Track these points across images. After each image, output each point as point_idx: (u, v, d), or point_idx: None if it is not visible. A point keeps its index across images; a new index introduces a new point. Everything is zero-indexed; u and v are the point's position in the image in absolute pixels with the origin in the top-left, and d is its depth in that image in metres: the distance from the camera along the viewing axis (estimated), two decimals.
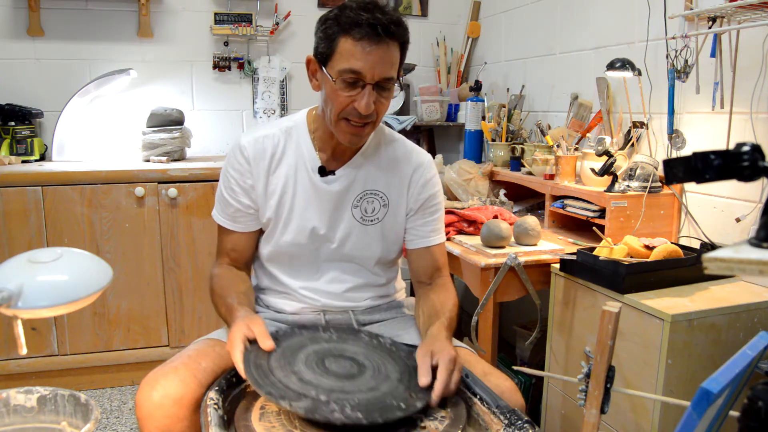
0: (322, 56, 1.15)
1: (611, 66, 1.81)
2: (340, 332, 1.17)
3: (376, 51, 1.10)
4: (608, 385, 0.88)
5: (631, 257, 1.51)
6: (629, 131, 1.91)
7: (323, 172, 1.27)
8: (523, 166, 2.28)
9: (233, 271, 1.31)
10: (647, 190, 1.75)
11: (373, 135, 1.31)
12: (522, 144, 2.37)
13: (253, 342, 1.06)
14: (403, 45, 1.16)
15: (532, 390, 2.09)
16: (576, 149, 2.03)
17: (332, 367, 1.04)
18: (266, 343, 1.05)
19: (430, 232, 1.34)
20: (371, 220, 1.31)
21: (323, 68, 1.15)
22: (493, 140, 2.50)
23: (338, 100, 1.14)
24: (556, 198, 2.01)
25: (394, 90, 1.19)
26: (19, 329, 0.82)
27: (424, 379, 1.01)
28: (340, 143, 1.24)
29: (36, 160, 2.56)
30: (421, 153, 1.36)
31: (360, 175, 1.29)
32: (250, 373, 0.98)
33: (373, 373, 1.04)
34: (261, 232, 1.34)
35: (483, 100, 2.68)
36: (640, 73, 1.82)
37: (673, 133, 1.78)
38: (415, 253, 1.35)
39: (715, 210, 1.68)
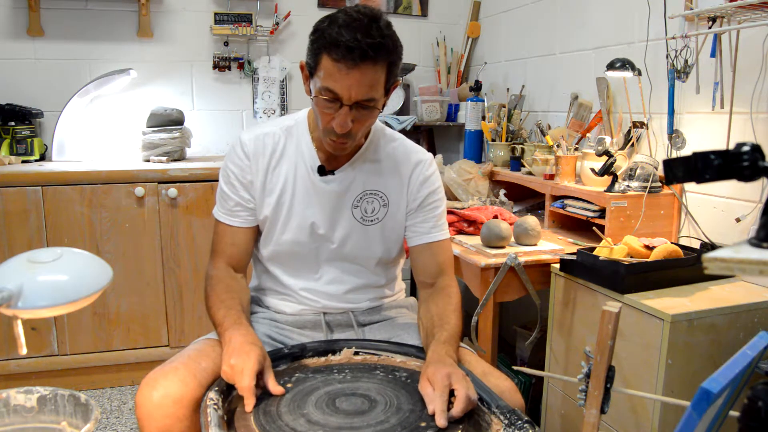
0: (309, 68, 1.16)
1: (611, 66, 1.81)
2: (354, 371, 1.15)
3: (354, 74, 1.08)
4: (608, 385, 0.88)
5: (631, 257, 1.51)
6: (629, 131, 1.91)
7: (322, 171, 1.27)
8: (523, 166, 2.28)
9: (235, 277, 1.28)
10: (647, 190, 1.75)
11: (372, 135, 1.31)
12: (522, 144, 2.37)
13: (264, 390, 1.06)
14: (390, 65, 1.13)
15: (532, 390, 2.09)
16: (576, 149, 2.03)
17: (343, 405, 1.03)
18: (277, 389, 1.05)
19: (431, 228, 1.32)
20: (371, 220, 1.31)
21: (311, 77, 1.17)
22: (493, 140, 2.50)
23: (319, 112, 1.16)
24: (556, 198, 2.01)
25: (381, 105, 1.17)
26: (19, 329, 0.81)
27: (431, 407, 0.98)
28: None
29: (36, 160, 2.56)
30: (420, 151, 1.35)
31: (359, 175, 1.29)
32: (258, 419, 0.98)
33: (385, 407, 1.02)
34: (259, 233, 1.33)
35: (483, 100, 2.68)
36: (640, 73, 1.82)
37: (673, 133, 1.78)
38: (416, 250, 1.34)
39: (715, 210, 1.68)
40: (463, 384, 0.99)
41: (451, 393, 1.00)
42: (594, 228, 1.63)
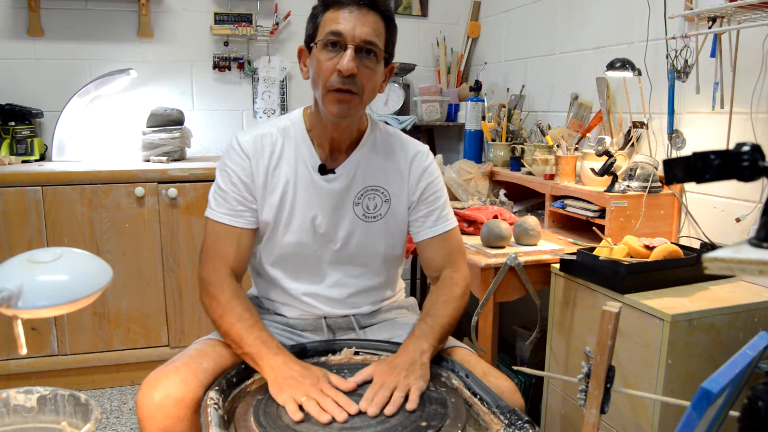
0: (309, 38, 1.19)
1: (611, 66, 1.81)
2: (354, 371, 1.15)
3: (357, 14, 1.14)
4: (608, 385, 0.88)
5: (631, 257, 1.51)
6: (629, 131, 1.91)
7: (323, 170, 1.26)
8: (523, 166, 2.28)
9: (240, 288, 1.24)
10: (647, 190, 1.75)
11: (369, 130, 1.31)
12: (522, 144, 2.37)
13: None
14: (388, 21, 1.18)
15: (532, 390, 2.09)
16: (576, 149, 2.03)
17: None
18: (348, 384, 1.08)
19: (436, 220, 1.32)
20: (374, 217, 1.30)
21: (310, 50, 1.19)
22: (493, 140, 2.50)
23: (322, 68, 1.15)
24: (556, 198, 2.01)
25: (383, 66, 1.20)
26: (19, 329, 0.81)
27: (364, 404, 1.01)
28: (336, 140, 1.25)
29: (36, 160, 2.56)
30: (417, 144, 1.36)
31: (359, 171, 1.28)
32: (258, 419, 0.98)
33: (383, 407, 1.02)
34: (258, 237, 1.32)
35: (483, 100, 2.68)
36: (640, 73, 1.82)
37: (673, 133, 1.78)
38: (422, 245, 1.33)
39: (715, 210, 1.68)
40: (402, 389, 1.04)
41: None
42: (594, 228, 1.63)
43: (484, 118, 2.63)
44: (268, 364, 1.09)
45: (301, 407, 1.00)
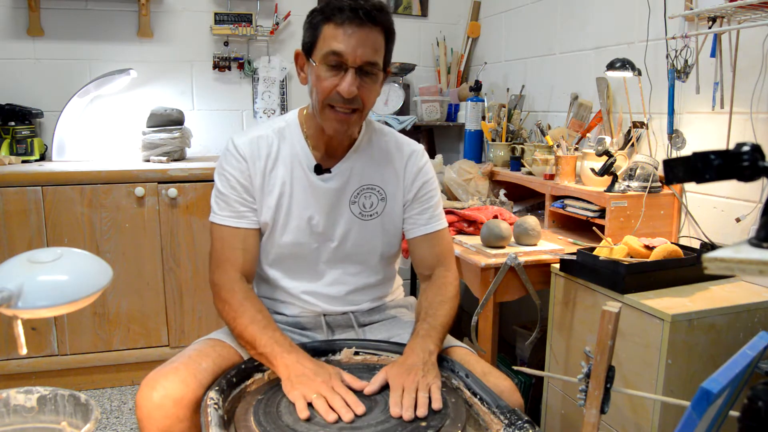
0: (308, 46, 1.18)
1: (611, 66, 1.81)
2: (354, 371, 1.15)
3: (358, 33, 1.12)
4: (608, 385, 0.88)
5: (631, 257, 1.51)
6: (629, 131, 1.91)
7: (319, 170, 1.27)
8: (523, 166, 2.28)
9: (252, 290, 1.25)
10: (647, 190, 1.75)
11: (365, 130, 1.31)
12: (522, 144, 2.37)
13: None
14: (388, 33, 1.17)
15: (532, 390, 2.09)
16: (576, 149, 2.03)
17: None
18: (361, 383, 1.07)
19: (429, 219, 1.33)
20: (370, 215, 1.31)
21: (309, 58, 1.18)
22: (493, 140, 2.50)
23: (322, 85, 1.15)
24: (556, 198, 2.01)
25: (381, 79, 1.20)
26: (19, 329, 0.81)
27: (396, 410, 0.99)
28: (332, 140, 1.25)
29: (36, 160, 2.56)
30: (411, 143, 1.36)
31: (355, 170, 1.29)
32: (258, 419, 0.98)
33: (384, 407, 1.02)
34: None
35: (483, 100, 2.68)
36: (640, 73, 1.82)
37: (673, 133, 1.78)
38: (414, 243, 1.34)
39: (715, 210, 1.68)
40: (424, 389, 1.03)
41: None
42: (594, 228, 1.63)
43: (484, 118, 2.63)
44: (282, 363, 1.09)
45: (310, 405, 1.00)
